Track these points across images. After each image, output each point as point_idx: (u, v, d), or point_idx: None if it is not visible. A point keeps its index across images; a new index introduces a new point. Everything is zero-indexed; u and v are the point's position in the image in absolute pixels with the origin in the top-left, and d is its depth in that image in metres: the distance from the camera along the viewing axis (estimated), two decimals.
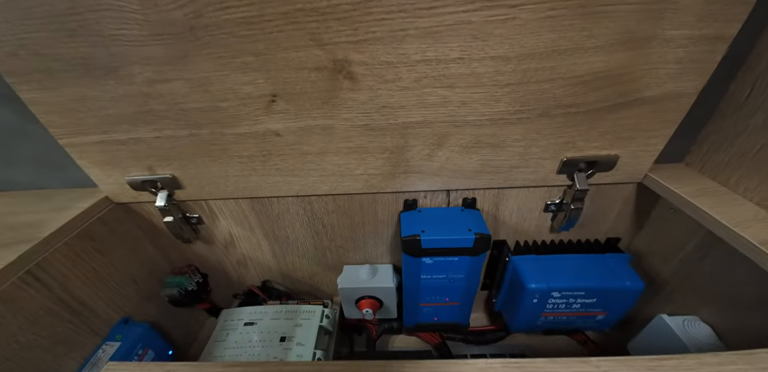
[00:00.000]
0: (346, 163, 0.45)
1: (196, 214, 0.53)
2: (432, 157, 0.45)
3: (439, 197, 0.50)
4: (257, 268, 0.61)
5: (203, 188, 0.49)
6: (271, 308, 0.57)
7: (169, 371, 0.26)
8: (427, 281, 0.48)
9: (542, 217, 0.53)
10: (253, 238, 0.56)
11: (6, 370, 0.37)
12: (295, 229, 0.55)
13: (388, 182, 0.47)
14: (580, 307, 0.48)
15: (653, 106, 0.41)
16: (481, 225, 0.46)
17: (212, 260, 0.60)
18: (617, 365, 0.27)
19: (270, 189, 0.48)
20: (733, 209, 0.40)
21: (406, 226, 0.46)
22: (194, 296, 0.58)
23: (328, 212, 0.52)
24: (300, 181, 0.47)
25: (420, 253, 0.44)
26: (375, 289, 0.54)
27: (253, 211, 0.52)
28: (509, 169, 0.46)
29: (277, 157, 0.44)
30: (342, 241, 0.56)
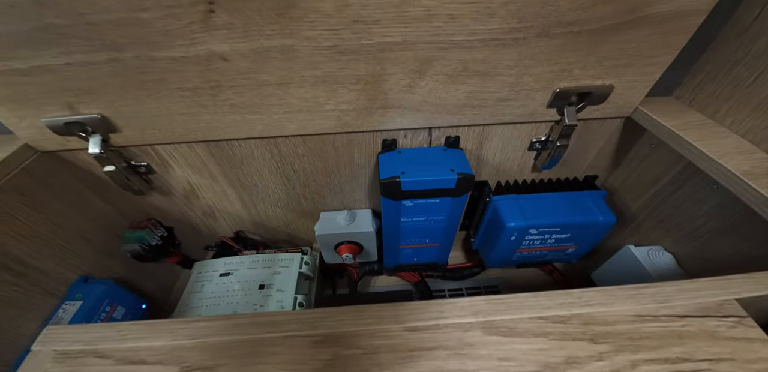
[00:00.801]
0: (314, 97, 0.39)
1: (144, 162, 0.46)
2: (413, 88, 0.39)
3: (420, 136, 0.46)
4: (227, 219, 0.57)
5: (144, 131, 0.41)
6: (247, 258, 0.55)
7: (121, 331, 0.23)
8: (408, 224, 0.46)
9: (526, 157, 0.51)
10: (217, 187, 0.51)
11: None
12: (263, 176, 0.49)
13: (364, 119, 0.42)
14: (554, 242, 0.49)
15: (660, 27, 0.36)
16: (464, 165, 0.43)
17: (174, 212, 0.55)
18: (599, 295, 0.28)
19: (227, 130, 0.41)
20: (719, 142, 0.40)
21: (385, 167, 0.42)
22: (160, 250, 0.54)
23: (299, 156, 0.47)
24: (262, 119, 0.40)
25: (400, 195, 0.41)
26: (354, 234, 0.52)
27: (211, 156, 0.46)
28: (497, 102, 0.42)
29: (230, 90, 0.37)
30: (317, 186, 0.52)
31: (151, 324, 0.25)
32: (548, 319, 0.24)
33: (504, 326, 0.23)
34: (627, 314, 0.26)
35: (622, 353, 0.23)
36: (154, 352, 0.23)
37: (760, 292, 0.28)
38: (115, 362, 0.22)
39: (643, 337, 0.25)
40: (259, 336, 0.23)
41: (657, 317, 0.26)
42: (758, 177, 0.35)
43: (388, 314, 0.24)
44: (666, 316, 0.26)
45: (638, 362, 0.23)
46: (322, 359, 0.22)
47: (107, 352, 0.22)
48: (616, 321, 0.26)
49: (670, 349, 0.24)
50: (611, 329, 0.25)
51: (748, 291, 0.28)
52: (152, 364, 0.23)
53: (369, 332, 0.23)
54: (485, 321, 0.23)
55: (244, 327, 0.24)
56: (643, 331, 0.25)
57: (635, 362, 0.23)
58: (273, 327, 0.24)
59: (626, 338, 0.24)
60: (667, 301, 0.27)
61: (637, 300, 0.27)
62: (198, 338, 0.24)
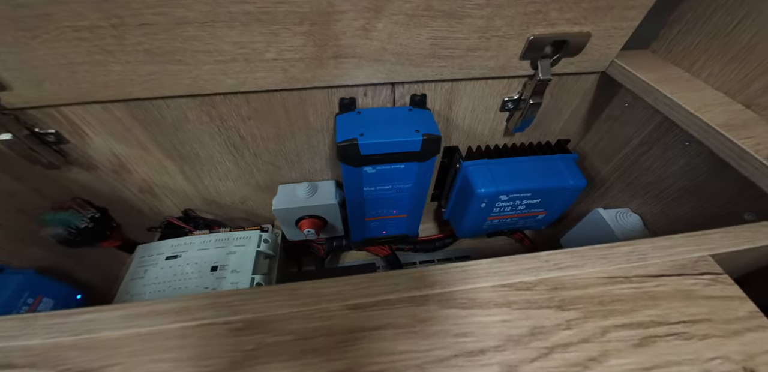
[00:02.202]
0: (249, 42, 0.32)
1: (51, 130, 0.37)
2: (369, 31, 0.33)
3: (382, 94, 0.40)
4: (171, 196, 0.50)
5: (42, 87, 0.33)
6: (197, 239, 0.48)
7: None
8: (371, 193, 0.42)
9: (497, 118, 0.47)
10: (150, 158, 0.43)
11: None
12: (204, 144, 0.42)
13: (316, 72, 0.35)
14: (524, 208, 0.46)
15: None
16: (431, 125, 0.38)
17: (105, 190, 0.47)
18: (569, 258, 0.24)
19: (147, 85, 0.34)
20: (695, 94, 0.37)
21: (342, 129, 0.37)
22: (93, 234, 0.47)
23: (243, 119, 0.40)
24: (188, 71, 0.33)
25: (359, 160, 0.36)
26: (315, 207, 0.47)
27: (135, 120, 0.38)
28: (466, 52, 0.36)
29: (138, 31, 0.29)
30: (270, 156, 0.46)
31: (24, 319, 0.19)
32: (513, 286, 0.21)
33: (463, 297, 0.20)
34: (598, 276, 0.23)
35: (591, 319, 0.21)
36: (26, 353, 0.18)
37: (737, 247, 0.26)
38: None
39: (614, 300, 0.22)
40: (163, 327, 0.19)
41: (629, 278, 0.23)
42: (735, 128, 0.32)
43: (328, 291, 0.20)
44: (639, 276, 0.23)
45: (609, 328, 0.20)
46: (243, 350, 0.18)
47: None
48: (587, 284, 0.23)
49: (643, 312, 0.21)
50: (581, 293, 0.22)
51: (725, 246, 0.26)
52: (22, 367, 0.17)
53: (304, 314, 0.19)
54: (442, 292, 0.20)
55: (145, 317, 0.19)
56: (615, 293, 0.22)
57: (606, 329, 0.20)
58: (182, 315, 0.19)
59: (597, 303, 0.22)
60: (641, 260, 0.24)
61: (610, 260, 0.24)
62: (82, 334, 0.18)
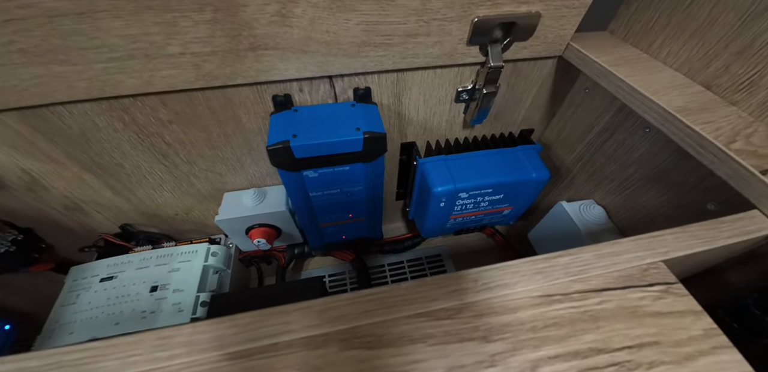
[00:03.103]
0: (143, 34, 0.27)
1: None
2: (287, 18, 0.28)
3: (320, 89, 0.36)
4: (102, 212, 0.45)
5: None
6: (136, 256, 0.44)
7: None
8: (320, 199, 0.38)
9: (454, 110, 0.43)
10: (66, 172, 0.38)
11: None
12: (125, 154, 0.38)
13: (234, 67, 0.31)
14: (487, 204, 0.43)
15: None
16: (374, 122, 0.34)
17: (24, 210, 0.42)
18: (500, 274, 0.21)
19: (34, 90, 0.29)
20: (652, 77, 0.34)
21: (274, 130, 0.32)
22: (17, 258, 0.41)
23: (164, 123, 0.35)
24: (79, 71, 0.28)
25: (296, 165, 0.32)
26: (264, 215, 0.43)
27: (35, 131, 0.33)
28: (405, 38, 0.32)
29: (6, 28, 0.24)
30: (206, 162, 0.41)
31: None
32: (432, 315, 0.18)
33: (370, 334, 0.16)
34: (532, 295, 0.20)
35: (520, 351, 0.17)
36: None
37: (693, 250, 0.22)
38: None
39: (549, 324, 0.19)
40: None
41: (568, 295, 0.20)
42: (693, 113, 0.30)
43: (205, 336, 0.16)
44: (579, 292, 0.20)
45: (540, 362, 0.17)
46: None
47: None
48: (518, 307, 0.19)
49: (580, 337, 0.18)
50: (511, 319, 0.19)
51: (679, 249, 0.23)
52: None
53: (176, 368, 0.15)
54: (346, 330, 0.16)
55: None
56: (550, 316, 0.19)
57: (536, 363, 0.17)
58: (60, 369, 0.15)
59: (528, 329, 0.18)
60: (582, 273, 0.21)
61: (547, 275, 0.21)
62: None
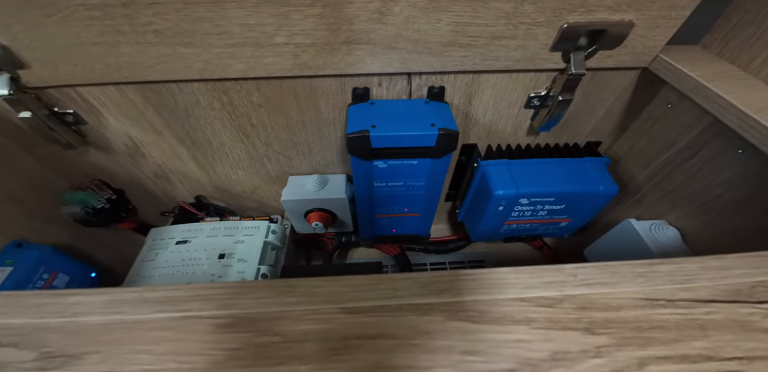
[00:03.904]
0: (258, 24, 0.30)
1: (70, 110, 0.38)
2: (385, 15, 0.30)
3: (398, 85, 0.38)
4: (184, 183, 0.50)
5: (58, 67, 0.33)
6: (207, 225, 0.48)
7: None
8: (382, 189, 0.39)
9: (521, 115, 0.43)
10: (164, 143, 0.43)
11: None
12: (216, 131, 0.42)
13: (327, 59, 0.33)
14: (546, 214, 0.42)
15: None
16: (448, 119, 0.35)
17: (122, 173, 0.47)
18: (599, 273, 0.21)
19: (158, 68, 0.33)
20: (753, 95, 0.32)
21: (354, 120, 0.34)
22: (108, 215, 0.47)
23: (254, 106, 0.39)
24: (199, 54, 0.32)
25: (370, 154, 0.34)
26: (325, 200, 0.45)
27: (148, 104, 0.38)
28: (490, 40, 0.33)
29: (148, 10, 0.28)
30: (280, 146, 0.44)
31: (13, 296, 0.18)
32: (532, 301, 0.18)
33: (474, 310, 0.17)
34: (634, 297, 0.20)
35: (626, 348, 0.17)
36: (11, 332, 0.17)
37: None
38: None
39: (654, 327, 0.18)
40: (148, 316, 0.17)
41: (673, 302, 0.20)
42: None
43: (323, 291, 0.18)
44: (685, 300, 0.20)
45: (647, 361, 0.17)
46: (226, 348, 0.16)
47: None
48: (621, 306, 0.19)
49: (689, 343, 0.18)
50: (614, 316, 0.19)
51: None
52: (5, 346, 0.17)
53: (295, 314, 0.17)
54: (450, 302, 0.17)
55: (130, 304, 0.18)
56: (655, 319, 0.19)
57: (643, 361, 0.17)
58: (168, 305, 0.18)
59: (632, 328, 0.18)
60: (687, 282, 0.20)
61: (649, 279, 0.21)
62: (67, 317, 0.17)
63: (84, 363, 0.15)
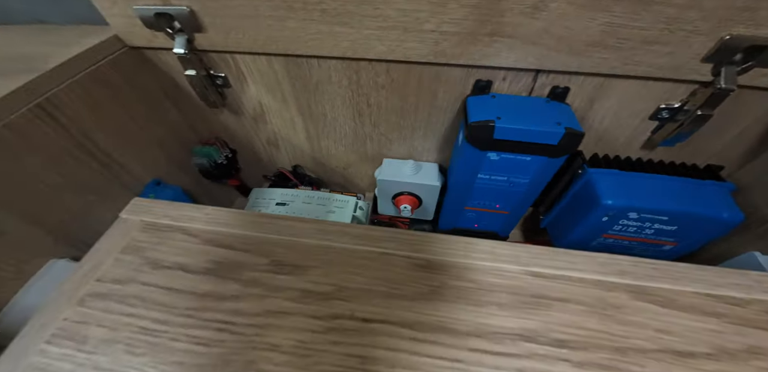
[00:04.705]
0: (414, 10, 0.33)
1: (222, 74, 0.44)
2: (538, 10, 0.31)
3: (521, 81, 0.39)
4: (289, 150, 0.56)
5: (228, 34, 0.38)
6: (303, 193, 0.53)
7: (208, 214, 0.22)
8: (484, 182, 0.41)
9: (643, 127, 0.42)
10: (286, 112, 0.48)
11: (41, 210, 0.35)
12: (334, 106, 0.46)
13: (465, 48, 0.35)
14: (652, 233, 0.41)
15: None
16: (572, 120, 0.35)
17: (241, 135, 0.54)
18: None
19: (310, 44, 0.37)
20: None
21: (476, 110, 0.36)
22: (224, 170, 0.54)
23: (378, 87, 0.42)
24: (350, 33, 0.36)
25: (489, 144, 0.35)
26: (418, 185, 0.48)
27: (287, 75, 0.43)
28: (639, 44, 0.33)
29: None
30: (387, 128, 0.48)
31: (237, 213, 0.23)
32: (720, 298, 0.19)
33: (659, 296, 0.18)
34: None
35: None
36: (241, 240, 0.22)
37: None
38: (202, 242, 0.21)
39: None
40: (351, 247, 0.21)
41: None
42: None
43: (505, 252, 0.20)
44: None
45: None
46: (428, 284, 0.19)
47: (194, 232, 0.21)
48: None
49: None
50: None
51: None
52: (240, 250, 0.21)
53: (483, 268, 0.20)
54: (633, 285, 0.19)
55: (334, 235, 0.21)
56: None
57: None
58: (367, 240, 0.21)
59: None
60: None
61: None
62: (286, 236, 0.22)
63: (310, 274, 0.19)
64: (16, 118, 0.31)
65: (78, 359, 0.16)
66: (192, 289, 0.19)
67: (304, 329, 0.17)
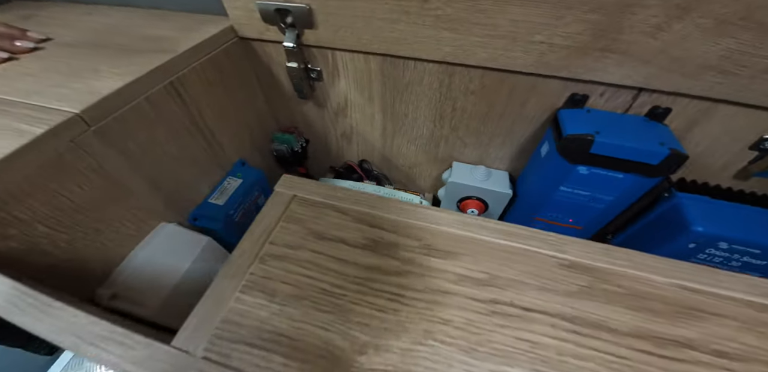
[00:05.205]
0: (527, 21, 0.34)
1: (318, 67, 0.47)
2: (661, 30, 0.32)
3: (620, 98, 0.39)
4: (360, 145, 0.58)
5: (337, 31, 0.41)
6: (369, 186, 0.56)
7: (353, 196, 0.25)
8: (564, 195, 0.41)
9: (740, 156, 0.41)
10: (369, 108, 0.51)
11: (161, 176, 0.40)
12: (418, 107, 0.48)
13: (571, 61, 0.36)
14: (739, 266, 0.40)
15: None
16: (674, 141, 0.35)
17: (318, 127, 0.57)
18: None
19: (414, 46, 0.40)
20: None
21: (571, 123, 0.37)
22: (297, 158, 0.58)
23: (467, 92, 0.43)
24: (455, 39, 0.38)
25: (582, 158, 0.36)
26: (489, 191, 0.49)
27: (380, 74, 0.45)
28: (758, 72, 0.32)
29: None
30: (465, 132, 0.49)
31: (380, 199, 0.25)
32: None
33: None
34: None
35: None
36: (388, 223, 0.24)
37: None
38: (353, 220, 0.23)
39: None
40: (493, 240, 0.22)
41: None
42: None
43: (649, 263, 0.21)
44: None
45: None
46: (577, 284, 0.21)
47: (344, 210, 0.24)
48: None
49: None
50: None
51: None
52: (391, 232, 0.23)
53: (629, 275, 0.21)
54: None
55: (474, 227, 0.23)
56: None
57: None
58: (510, 236, 0.23)
59: None
60: None
61: None
62: (430, 223, 0.24)
63: (461, 260, 0.21)
64: (155, 92, 0.36)
65: (272, 309, 0.19)
66: (356, 261, 0.21)
67: (468, 309, 0.19)
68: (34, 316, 0.18)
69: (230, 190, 0.46)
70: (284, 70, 0.49)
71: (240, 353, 0.18)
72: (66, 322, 0.18)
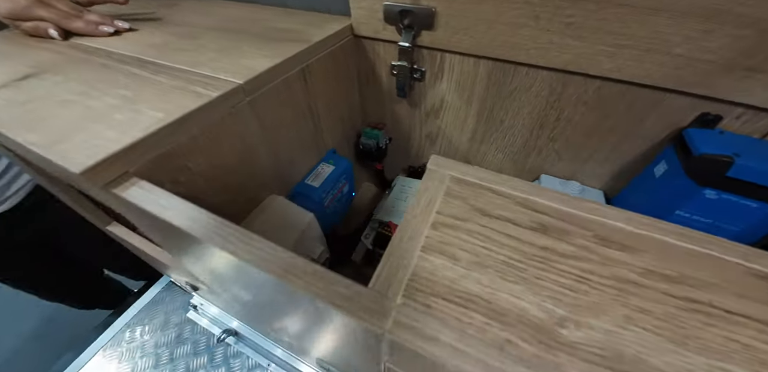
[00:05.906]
0: (667, 33, 0.33)
1: (423, 68, 0.49)
2: None
3: (759, 122, 0.36)
4: (443, 147, 0.60)
5: (455, 34, 0.43)
6: None
7: (506, 181, 0.25)
8: (678, 219, 0.39)
9: None
10: (463, 112, 0.52)
11: (278, 150, 0.44)
12: (518, 115, 0.48)
13: (709, 79, 0.35)
14: None
15: None
16: None
17: (404, 125, 0.59)
18: None
19: (532, 52, 0.40)
20: None
21: (702, 143, 0.35)
22: (380, 154, 0.60)
23: (579, 103, 0.43)
24: (579, 47, 0.38)
25: (715, 181, 0.34)
26: None
27: (486, 78, 0.46)
28: None
29: (581, 4, 0.35)
30: (563, 144, 0.48)
31: (539, 187, 0.25)
32: None
33: None
34: None
35: None
36: (551, 210, 0.24)
37: None
38: (515, 203, 0.24)
39: None
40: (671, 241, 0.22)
41: None
42: None
43: None
44: None
45: None
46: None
47: (502, 193, 0.25)
48: None
49: None
50: None
51: None
52: (557, 219, 0.23)
53: None
54: None
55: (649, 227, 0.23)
56: None
57: None
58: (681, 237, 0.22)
59: None
60: None
61: None
62: (599, 216, 0.23)
63: (643, 256, 0.21)
64: (290, 75, 0.40)
65: (458, 271, 0.20)
66: (529, 240, 0.22)
67: (665, 304, 0.18)
68: (241, 247, 0.20)
69: (324, 175, 0.49)
70: (387, 69, 0.52)
71: (439, 305, 0.19)
72: (271, 255, 0.20)
